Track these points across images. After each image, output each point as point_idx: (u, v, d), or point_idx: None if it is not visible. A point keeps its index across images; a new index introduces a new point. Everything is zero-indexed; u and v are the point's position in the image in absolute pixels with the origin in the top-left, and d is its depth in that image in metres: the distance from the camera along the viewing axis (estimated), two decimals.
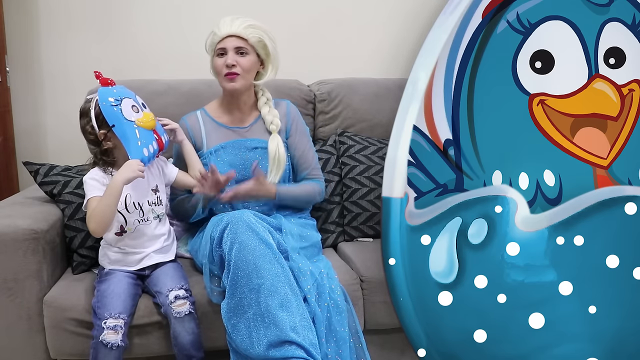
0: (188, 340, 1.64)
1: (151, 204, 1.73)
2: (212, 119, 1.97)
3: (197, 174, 1.78)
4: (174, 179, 1.83)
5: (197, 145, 1.94)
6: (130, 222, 1.70)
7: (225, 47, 1.86)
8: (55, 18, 2.37)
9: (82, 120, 1.69)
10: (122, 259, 1.72)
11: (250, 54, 1.87)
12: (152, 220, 1.73)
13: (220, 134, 1.95)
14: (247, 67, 1.87)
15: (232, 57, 1.85)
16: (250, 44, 1.86)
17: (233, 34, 1.85)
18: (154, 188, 1.75)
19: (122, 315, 1.60)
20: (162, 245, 1.76)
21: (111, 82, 1.70)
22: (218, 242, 1.65)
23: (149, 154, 1.65)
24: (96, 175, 1.68)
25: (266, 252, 1.60)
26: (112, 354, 1.57)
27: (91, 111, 1.66)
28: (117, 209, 1.64)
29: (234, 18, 1.88)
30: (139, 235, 1.72)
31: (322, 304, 1.66)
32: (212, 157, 1.91)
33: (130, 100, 1.67)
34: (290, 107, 2.04)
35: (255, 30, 1.87)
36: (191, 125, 1.95)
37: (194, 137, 1.94)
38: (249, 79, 1.91)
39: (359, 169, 2.15)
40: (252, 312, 1.55)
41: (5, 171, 2.32)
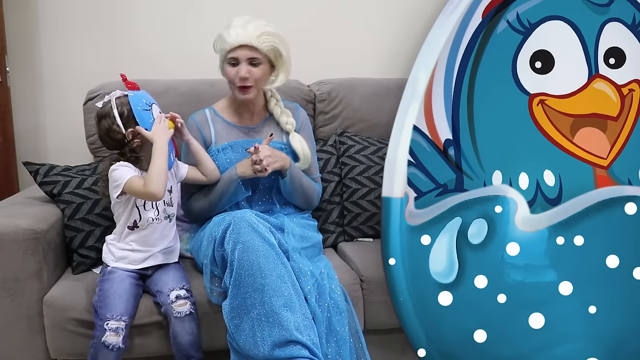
0: (187, 341, 1.64)
1: (166, 203, 1.75)
2: (222, 118, 1.96)
3: (210, 168, 1.84)
4: (185, 175, 1.84)
5: (207, 142, 1.93)
6: (144, 218, 1.71)
7: (237, 57, 1.82)
8: (55, 18, 2.37)
9: (105, 122, 1.70)
10: (127, 256, 1.72)
11: (263, 63, 1.84)
12: (163, 220, 1.75)
13: (230, 133, 1.94)
14: (260, 77, 1.85)
15: (245, 68, 1.82)
16: (263, 53, 1.83)
17: (246, 43, 1.81)
18: (169, 189, 1.77)
19: (123, 317, 1.60)
20: (168, 245, 1.77)
21: (137, 87, 1.74)
22: (220, 242, 1.65)
23: (169, 161, 1.70)
24: (126, 164, 1.70)
25: (269, 252, 1.61)
26: (111, 355, 1.58)
27: (114, 110, 1.68)
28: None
29: (246, 22, 1.83)
30: (148, 233, 1.73)
31: (323, 304, 1.66)
32: (220, 155, 1.91)
33: (157, 108, 1.74)
34: (300, 110, 2.04)
35: (269, 37, 1.82)
36: (200, 123, 1.94)
37: (204, 134, 1.93)
38: (261, 87, 1.90)
39: (359, 169, 2.15)
40: (256, 312, 1.55)
41: (5, 171, 2.32)
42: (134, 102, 1.69)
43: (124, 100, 1.70)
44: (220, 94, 2.03)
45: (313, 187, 1.98)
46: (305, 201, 1.97)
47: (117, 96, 1.71)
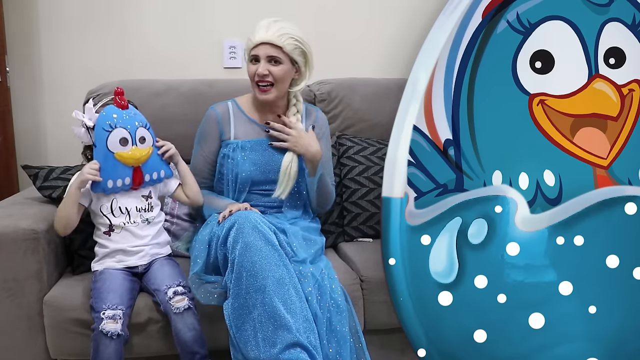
0: (190, 337, 1.63)
1: (140, 209, 1.76)
2: (243, 113, 1.94)
3: (194, 191, 1.84)
4: (172, 191, 1.85)
5: (225, 135, 1.91)
6: (116, 224, 1.73)
7: (257, 54, 1.82)
8: (55, 18, 2.37)
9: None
10: (113, 257, 1.74)
11: (284, 62, 1.82)
12: (141, 223, 1.76)
13: (249, 129, 1.92)
14: (280, 77, 1.83)
15: (263, 66, 1.81)
16: (285, 51, 1.81)
17: (267, 41, 1.80)
18: (146, 194, 1.77)
19: (119, 306, 1.60)
20: (149, 242, 1.77)
21: (124, 105, 1.73)
22: (223, 241, 1.65)
23: (113, 186, 1.70)
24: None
25: (271, 253, 1.60)
26: (112, 344, 1.56)
27: (89, 116, 1.70)
28: (76, 213, 1.70)
29: (271, 22, 1.83)
30: (128, 235, 1.74)
31: (323, 304, 1.66)
32: (238, 151, 1.88)
33: (124, 132, 1.70)
34: (320, 114, 2.03)
35: (291, 37, 1.81)
36: (221, 114, 1.92)
37: (222, 125, 1.91)
38: (282, 89, 1.87)
39: (359, 169, 2.15)
40: (258, 313, 1.55)
41: (5, 171, 2.32)
42: (100, 119, 1.69)
43: (99, 111, 1.71)
44: (220, 94, 2.03)
45: (333, 191, 1.99)
46: (323, 205, 1.98)
47: (103, 103, 1.75)
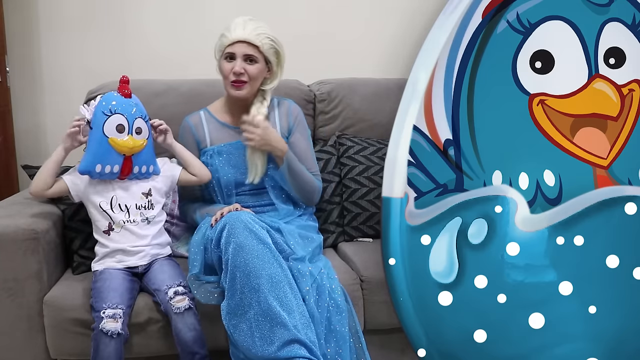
0: (190, 337, 1.63)
1: (140, 207, 1.76)
2: (216, 119, 1.96)
3: (197, 167, 1.86)
4: (177, 178, 1.86)
5: (201, 144, 1.94)
6: (116, 221, 1.73)
7: (234, 52, 1.83)
8: (55, 18, 2.37)
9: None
10: (113, 257, 1.74)
11: (259, 61, 1.85)
12: (140, 222, 1.76)
13: (224, 134, 1.94)
14: (255, 75, 1.85)
15: (240, 64, 1.82)
16: (261, 51, 1.84)
17: (244, 39, 1.82)
18: (146, 192, 1.77)
19: (119, 305, 1.61)
20: (149, 243, 1.77)
21: (127, 94, 1.75)
22: (216, 243, 1.65)
23: (101, 171, 1.69)
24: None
25: (264, 252, 1.61)
26: (112, 343, 1.56)
27: (92, 101, 1.74)
28: (52, 175, 1.72)
29: (246, 20, 1.85)
30: (128, 234, 1.75)
31: (323, 304, 1.66)
32: (215, 156, 1.91)
33: (121, 119, 1.71)
34: (293, 106, 2.03)
35: (267, 37, 1.84)
36: (194, 124, 1.95)
37: (198, 136, 1.94)
38: (255, 87, 1.89)
39: (359, 169, 2.15)
40: (253, 312, 1.55)
41: (5, 171, 2.32)
42: (100, 102, 1.71)
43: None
44: (220, 94, 2.03)
45: (311, 179, 1.96)
46: (304, 196, 1.95)
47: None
